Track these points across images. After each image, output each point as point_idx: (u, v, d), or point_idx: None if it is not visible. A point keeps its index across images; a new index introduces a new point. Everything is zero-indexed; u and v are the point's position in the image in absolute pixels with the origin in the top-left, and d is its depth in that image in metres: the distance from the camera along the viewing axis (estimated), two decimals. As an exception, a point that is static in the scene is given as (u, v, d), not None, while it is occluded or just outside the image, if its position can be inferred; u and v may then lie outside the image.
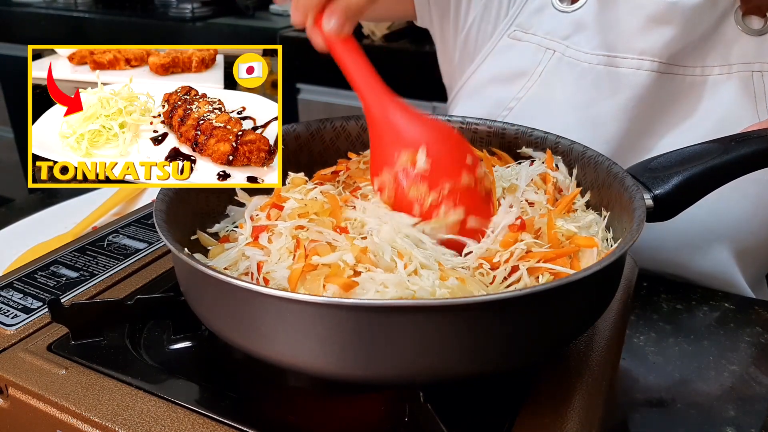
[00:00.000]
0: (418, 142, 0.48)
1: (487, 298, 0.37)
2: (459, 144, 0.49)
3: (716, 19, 0.69)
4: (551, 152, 0.56)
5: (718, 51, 0.70)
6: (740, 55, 0.70)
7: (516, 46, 0.77)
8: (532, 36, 0.76)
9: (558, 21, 0.75)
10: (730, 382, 0.57)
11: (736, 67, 0.70)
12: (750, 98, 0.69)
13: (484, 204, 0.48)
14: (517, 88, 0.76)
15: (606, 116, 0.72)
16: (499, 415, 0.42)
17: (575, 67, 0.74)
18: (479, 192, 0.48)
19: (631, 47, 0.70)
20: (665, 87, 0.71)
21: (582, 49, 0.73)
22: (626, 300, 0.55)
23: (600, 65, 0.72)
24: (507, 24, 0.78)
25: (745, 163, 0.50)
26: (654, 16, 0.68)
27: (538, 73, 0.75)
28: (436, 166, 0.47)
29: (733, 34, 0.69)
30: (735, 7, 0.69)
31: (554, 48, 0.75)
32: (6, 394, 0.45)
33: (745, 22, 0.69)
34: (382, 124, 0.50)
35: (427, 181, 0.47)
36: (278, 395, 0.45)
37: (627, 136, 0.72)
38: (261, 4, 2.04)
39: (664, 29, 0.68)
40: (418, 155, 0.47)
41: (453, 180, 0.47)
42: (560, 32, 0.75)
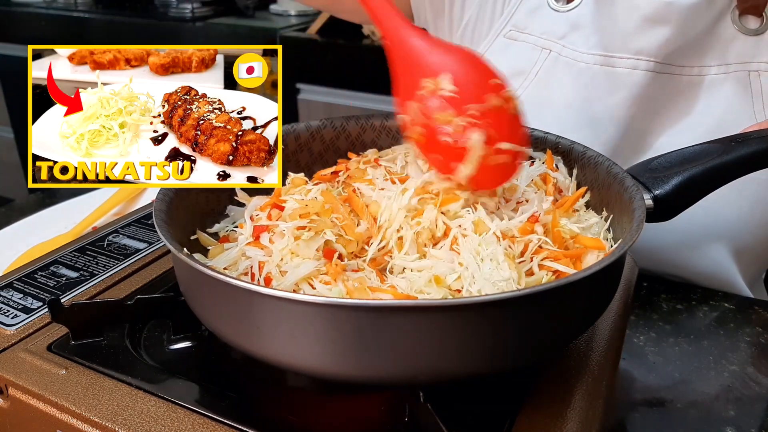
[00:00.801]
0: (441, 67, 0.47)
1: (487, 298, 0.37)
2: (482, 66, 0.49)
3: (713, 19, 0.69)
4: (551, 152, 0.56)
5: (715, 51, 0.70)
6: (737, 54, 0.70)
7: (512, 46, 0.77)
8: (528, 36, 0.76)
9: (554, 20, 0.75)
10: (730, 382, 0.57)
11: (733, 66, 0.70)
12: (747, 98, 0.69)
13: (516, 125, 0.48)
14: (512, 87, 0.76)
15: (603, 116, 0.72)
16: (499, 415, 0.42)
17: (572, 67, 0.74)
18: (509, 112, 0.47)
19: (628, 47, 0.70)
20: (663, 87, 0.71)
21: (578, 49, 0.73)
22: (626, 300, 0.55)
23: (596, 65, 0.72)
24: (502, 23, 0.78)
25: (745, 164, 0.50)
26: (650, 16, 0.68)
27: (535, 72, 0.75)
28: (462, 89, 0.46)
29: (730, 33, 0.69)
30: (731, 7, 0.69)
31: (550, 48, 0.75)
32: (6, 394, 0.45)
33: (742, 21, 0.69)
34: (403, 51, 0.49)
35: (454, 105, 0.46)
36: (278, 395, 0.45)
37: (625, 135, 0.72)
38: (261, 4, 2.04)
39: (660, 29, 0.68)
40: (442, 79, 0.46)
41: (480, 101, 0.46)
42: (556, 32, 0.75)
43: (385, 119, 0.62)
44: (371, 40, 1.61)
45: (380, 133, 0.62)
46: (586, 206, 0.53)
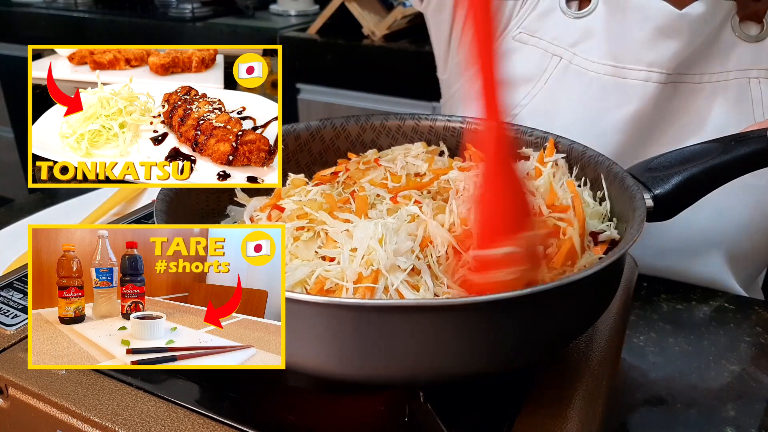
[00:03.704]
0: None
1: (487, 298, 0.37)
2: None
3: (716, 27, 0.69)
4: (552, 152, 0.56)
5: (717, 59, 0.70)
6: (737, 62, 0.70)
7: (521, 50, 0.77)
8: (537, 40, 0.76)
9: (565, 27, 0.74)
10: (730, 382, 0.57)
11: (733, 74, 0.70)
12: (747, 105, 0.69)
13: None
14: (521, 94, 0.76)
15: (612, 127, 0.72)
16: (499, 415, 0.42)
17: (582, 76, 0.73)
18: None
19: (640, 59, 0.69)
20: (669, 97, 0.70)
21: (589, 58, 0.72)
22: (626, 300, 0.55)
23: (607, 75, 0.71)
24: (514, 26, 0.77)
25: (745, 163, 0.50)
26: (662, 28, 0.67)
27: (544, 80, 0.75)
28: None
29: (731, 41, 0.69)
30: (732, 14, 0.69)
31: (561, 55, 0.74)
32: (6, 394, 0.45)
33: (742, 28, 0.69)
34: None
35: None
36: (278, 395, 0.45)
37: (630, 146, 0.72)
38: (261, 4, 2.04)
39: (671, 40, 0.67)
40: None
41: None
42: (567, 39, 0.74)
43: (385, 119, 0.62)
44: (371, 40, 1.61)
45: (380, 133, 0.62)
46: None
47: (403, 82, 1.54)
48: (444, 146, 0.60)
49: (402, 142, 0.61)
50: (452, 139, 0.61)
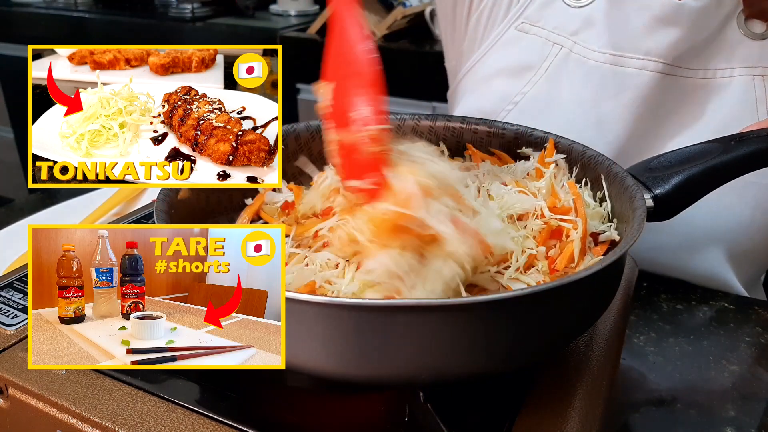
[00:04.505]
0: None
1: (487, 298, 0.37)
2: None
3: (720, 22, 0.69)
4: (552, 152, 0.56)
5: (721, 54, 0.70)
6: (742, 58, 0.70)
7: (523, 38, 0.77)
8: (539, 29, 0.76)
9: (567, 16, 0.75)
10: (730, 382, 0.57)
11: (737, 70, 0.70)
12: (751, 102, 0.70)
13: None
14: (523, 82, 0.76)
15: (611, 116, 0.72)
16: (499, 415, 0.42)
17: (582, 65, 0.74)
18: None
19: (637, 47, 0.70)
20: (669, 89, 0.71)
21: (590, 47, 0.73)
22: (626, 300, 0.55)
23: (606, 64, 0.72)
24: (516, 14, 0.78)
25: (745, 163, 0.50)
26: (660, 17, 0.68)
27: (545, 68, 0.75)
28: None
29: (736, 37, 0.70)
30: (738, 11, 0.69)
31: (562, 43, 0.75)
32: (6, 394, 0.45)
33: (748, 26, 0.69)
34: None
35: None
36: (278, 395, 0.45)
37: (632, 137, 0.72)
38: (261, 4, 2.04)
39: (669, 30, 0.68)
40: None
41: None
42: (568, 27, 0.75)
43: (385, 119, 0.62)
44: (371, 40, 1.61)
45: (380, 133, 0.62)
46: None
47: (403, 82, 1.54)
48: (444, 146, 0.60)
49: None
50: (452, 139, 0.61)
